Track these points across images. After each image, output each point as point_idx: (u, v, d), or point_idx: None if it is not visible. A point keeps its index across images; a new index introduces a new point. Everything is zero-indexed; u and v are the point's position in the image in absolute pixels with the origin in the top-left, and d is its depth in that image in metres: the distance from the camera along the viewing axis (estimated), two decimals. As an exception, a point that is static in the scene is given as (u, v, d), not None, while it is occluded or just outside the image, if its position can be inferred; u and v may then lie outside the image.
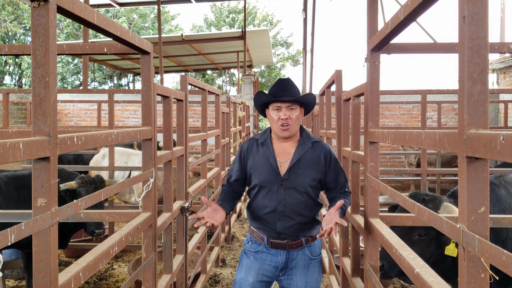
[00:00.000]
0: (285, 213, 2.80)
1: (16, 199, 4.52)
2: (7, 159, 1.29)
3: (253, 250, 2.93)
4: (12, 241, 1.34)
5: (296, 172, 2.80)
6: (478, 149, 1.16)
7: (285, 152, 2.87)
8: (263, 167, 2.85)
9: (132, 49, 2.61)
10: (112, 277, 5.89)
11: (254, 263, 2.89)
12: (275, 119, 2.80)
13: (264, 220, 2.85)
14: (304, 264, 2.87)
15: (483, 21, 1.24)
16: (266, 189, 2.83)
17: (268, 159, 2.84)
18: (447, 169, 8.98)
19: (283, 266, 2.86)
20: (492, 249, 1.11)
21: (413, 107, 13.88)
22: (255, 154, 2.91)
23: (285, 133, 2.79)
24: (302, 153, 2.82)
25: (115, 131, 2.23)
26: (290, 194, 2.79)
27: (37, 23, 1.52)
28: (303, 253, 2.87)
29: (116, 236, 2.33)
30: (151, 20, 30.21)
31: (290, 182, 2.79)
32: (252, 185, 2.91)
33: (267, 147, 2.88)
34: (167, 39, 14.66)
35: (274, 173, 2.81)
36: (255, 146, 2.94)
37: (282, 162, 2.84)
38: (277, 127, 2.80)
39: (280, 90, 2.79)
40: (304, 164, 2.81)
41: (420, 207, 1.73)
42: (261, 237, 2.90)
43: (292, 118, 2.78)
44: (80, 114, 15.09)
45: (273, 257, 2.87)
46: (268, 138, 2.92)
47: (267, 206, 2.82)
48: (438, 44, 2.89)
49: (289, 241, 2.83)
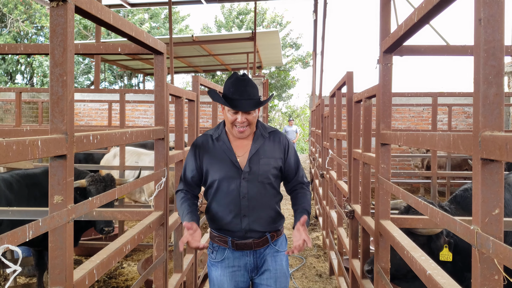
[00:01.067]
0: (250, 207, 2.66)
1: (27, 197, 4.57)
2: (26, 156, 1.32)
3: (219, 259, 2.74)
4: (30, 237, 1.36)
5: (257, 162, 2.68)
6: (493, 151, 1.17)
7: (242, 145, 2.73)
8: (221, 162, 2.68)
9: (146, 49, 2.63)
10: (121, 275, 5.93)
11: (224, 275, 2.72)
12: (231, 120, 2.63)
13: (227, 219, 2.68)
14: (272, 256, 2.76)
15: (499, 23, 1.24)
16: (227, 185, 2.66)
17: (226, 154, 2.69)
18: (457, 172, 8.94)
19: (253, 267, 2.75)
20: (507, 250, 1.12)
21: (423, 110, 13.83)
22: (211, 150, 2.73)
23: (242, 135, 2.66)
24: (260, 144, 2.72)
25: (129, 130, 2.25)
26: (252, 187, 2.66)
27: (56, 23, 1.54)
28: (270, 248, 2.76)
29: (129, 234, 2.35)
30: (162, 20, 30.32)
31: (251, 175, 2.66)
32: (210, 182, 2.71)
33: (223, 141, 2.72)
34: (178, 40, 14.69)
35: (234, 167, 2.66)
36: (210, 141, 2.75)
37: (240, 155, 2.70)
38: (232, 127, 2.65)
39: (237, 92, 2.59)
40: (263, 153, 2.70)
41: (433, 209, 1.73)
42: (224, 240, 2.72)
43: (250, 119, 2.63)
44: (90, 114, 15.19)
45: (240, 260, 2.73)
46: (223, 133, 2.75)
47: (230, 203, 2.66)
48: (451, 47, 2.88)
49: (254, 240, 2.70)
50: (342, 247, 5.03)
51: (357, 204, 3.87)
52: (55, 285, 1.57)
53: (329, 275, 6.07)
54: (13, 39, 24.44)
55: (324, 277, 5.97)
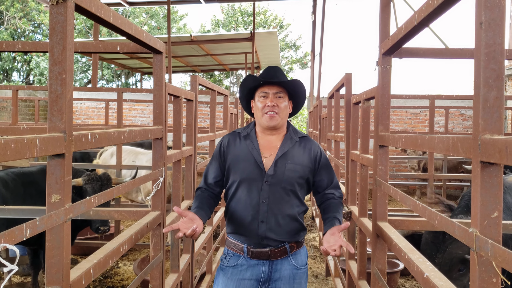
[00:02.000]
0: (269, 214, 2.52)
1: (23, 196, 4.56)
2: (24, 154, 1.31)
3: (231, 265, 2.60)
4: (27, 236, 1.35)
5: (283, 167, 2.54)
6: (493, 154, 1.17)
7: (271, 146, 2.62)
8: (245, 162, 2.57)
9: (145, 48, 2.62)
10: (117, 275, 5.92)
11: (231, 280, 2.57)
12: (261, 107, 2.56)
13: (244, 223, 2.56)
14: (290, 275, 2.58)
15: (500, 27, 1.24)
16: (248, 186, 2.55)
17: (251, 153, 2.58)
18: (453, 175, 8.97)
19: (266, 278, 2.57)
20: (505, 253, 1.12)
21: (420, 112, 13.86)
22: (237, 148, 2.63)
23: (271, 121, 2.55)
24: (289, 147, 2.59)
25: (127, 130, 2.24)
26: (275, 192, 2.53)
27: (55, 21, 1.53)
28: (288, 262, 2.59)
29: (126, 234, 2.34)
30: (161, 20, 30.30)
31: (275, 179, 2.53)
32: (231, 181, 2.61)
33: (250, 140, 2.62)
34: (176, 39, 14.68)
35: (258, 168, 2.54)
36: (237, 139, 2.66)
37: (266, 157, 2.58)
38: (262, 116, 2.56)
39: (268, 76, 2.58)
40: (291, 159, 2.57)
41: (431, 211, 1.73)
42: (240, 247, 2.59)
43: (280, 106, 2.55)
44: (87, 112, 15.16)
45: (254, 269, 2.56)
46: (252, 131, 2.66)
47: (249, 206, 2.54)
48: (450, 50, 2.89)
49: (272, 249, 2.54)
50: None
51: (355, 206, 3.88)
52: (52, 285, 1.57)
53: (325, 276, 6.08)
54: (10, 37, 24.38)
55: (320, 278, 5.98)
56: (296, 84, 2.63)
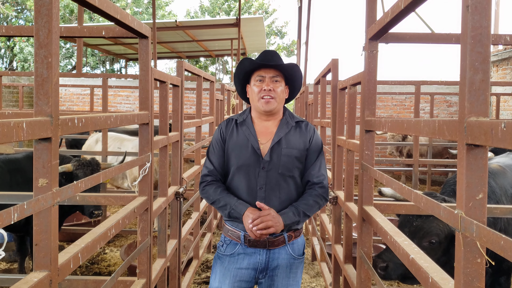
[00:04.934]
0: (266, 200, 2.51)
1: (10, 183, 4.52)
2: (11, 138, 1.30)
3: (228, 253, 2.60)
4: (15, 220, 1.35)
5: (279, 153, 2.53)
6: (478, 137, 1.18)
7: (267, 132, 2.61)
8: (242, 148, 2.56)
9: (131, 32, 2.60)
10: (104, 261, 5.92)
11: (228, 270, 2.57)
12: (257, 91, 2.55)
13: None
14: (287, 264, 2.58)
15: (486, 10, 1.25)
16: (245, 173, 2.54)
17: (248, 139, 2.57)
18: (438, 160, 9.05)
19: (264, 267, 2.56)
20: (490, 234, 1.14)
21: (406, 98, 13.94)
22: (234, 134, 2.62)
23: (267, 106, 2.53)
24: (285, 132, 2.58)
25: (114, 114, 2.23)
26: (272, 179, 2.52)
27: (41, 3, 1.51)
28: (286, 251, 2.58)
29: (113, 219, 2.34)
30: (144, 5, 29.94)
31: (272, 164, 2.52)
32: (228, 168, 2.62)
33: (247, 126, 2.61)
34: (161, 25, 14.56)
35: (255, 154, 2.54)
36: (234, 126, 2.65)
37: (263, 143, 2.57)
38: (258, 100, 2.55)
39: (265, 59, 2.55)
40: (287, 143, 2.56)
41: (417, 194, 1.75)
42: (237, 235, 2.58)
43: (276, 91, 2.54)
44: (72, 99, 15.00)
45: (251, 258, 2.56)
46: (248, 117, 2.65)
47: (246, 192, 2.54)
48: (436, 35, 2.90)
49: (269, 238, 2.52)
50: (325, 233, 5.08)
51: (340, 191, 3.90)
52: (40, 269, 1.56)
53: (311, 261, 6.14)
54: (-8, 22, 23.98)
55: (307, 263, 6.03)
56: (293, 68, 2.62)
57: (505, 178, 3.78)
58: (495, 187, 3.57)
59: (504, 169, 3.92)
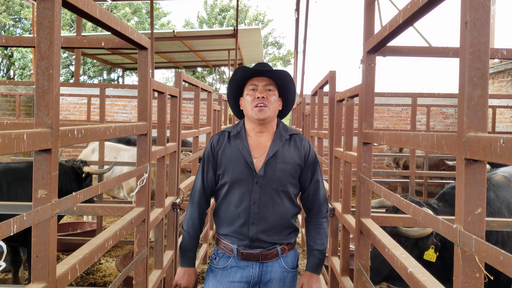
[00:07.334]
0: (260, 215, 2.46)
1: (7, 193, 4.51)
2: (11, 149, 1.30)
3: (221, 266, 2.55)
4: (14, 231, 1.35)
5: (273, 168, 2.48)
6: (477, 152, 1.19)
7: (260, 146, 2.55)
8: (235, 162, 2.50)
9: (130, 44, 2.61)
10: (99, 271, 5.88)
11: (221, 283, 2.53)
12: (250, 100, 2.51)
13: (234, 225, 2.50)
14: (280, 278, 2.54)
15: (484, 27, 1.27)
16: (238, 188, 2.49)
17: (241, 153, 2.51)
18: (435, 172, 9.07)
19: (256, 281, 2.52)
20: (489, 249, 1.14)
21: (402, 110, 13.99)
22: (227, 148, 2.55)
23: (260, 114, 2.47)
24: (279, 147, 2.52)
25: (113, 125, 2.24)
26: (266, 194, 2.47)
27: (43, 16, 1.53)
28: (279, 265, 2.54)
29: (111, 230, 2.34)
30: (144, 15, 30.07)
31: (266, 179, 2.47)
32: (222, 183, 2.55)
33: (240, 139, 2.55)
34: (159, 35, 14.59)
35: (248, 169, 2.47)
36: (226, 139, 2.59)
37: (257, 157, 2.51)
38: (252, 109, 2.50)
39: (257, 66, 2.54)
40: (282, 158, 2.50)
41: (415, 207, 1.76)
42: (230, 248, 2.53)
43: (270, 99, 2.50)
44: (68, 108, 14.98)
45: (244, 271, 2.51)
46: (242, 130, 2.59)
47: (239, 207, 2.48)
48: (433, 48, 2.93)
49: (262, 251, 2.49)
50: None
51: (338, 202, 3.91)
52: (38, 280, 1.56)
53: (307, 273, 6.10)
54: (-11, 31, 24.02)
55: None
56: (285, 76, 2.59)
57: (509, 191, 3.74)
58: (494, 200, 3.57)
59: (509, 180, 3.88)
